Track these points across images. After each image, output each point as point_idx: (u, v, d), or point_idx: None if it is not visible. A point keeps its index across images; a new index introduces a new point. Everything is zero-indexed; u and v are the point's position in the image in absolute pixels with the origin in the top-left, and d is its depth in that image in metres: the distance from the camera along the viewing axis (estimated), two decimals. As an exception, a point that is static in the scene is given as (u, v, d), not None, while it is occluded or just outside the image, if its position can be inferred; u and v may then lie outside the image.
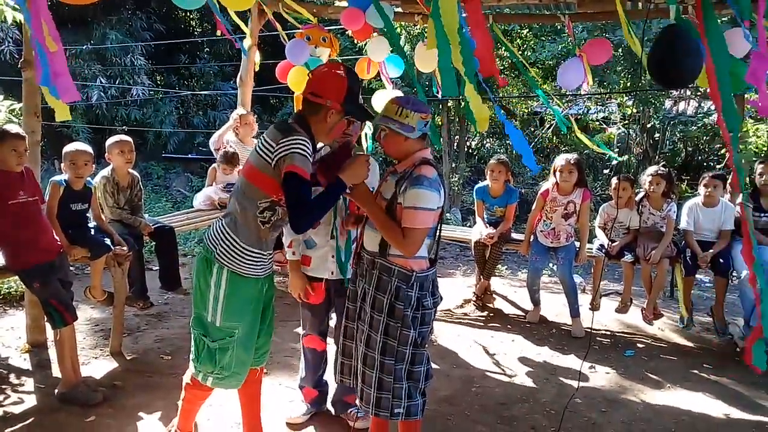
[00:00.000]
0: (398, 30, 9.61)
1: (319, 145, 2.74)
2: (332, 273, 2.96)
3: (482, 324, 4.88)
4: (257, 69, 5.91)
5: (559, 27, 9.69)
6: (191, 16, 15.00)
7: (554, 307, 5.21)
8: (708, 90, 2.58)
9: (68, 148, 3.68)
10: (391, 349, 2.48)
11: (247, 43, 5.73)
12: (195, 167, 12.99)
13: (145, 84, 13.01)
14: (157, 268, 4.52)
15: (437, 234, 2.57)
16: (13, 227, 3.19)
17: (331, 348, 3.10)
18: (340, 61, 5.59)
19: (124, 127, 12.23)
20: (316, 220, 2.52)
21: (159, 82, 14.74)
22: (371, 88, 8.59)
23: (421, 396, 2.57)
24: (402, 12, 5.34)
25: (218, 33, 5.27)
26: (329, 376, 3.08)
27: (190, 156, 13.33)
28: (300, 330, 3.23)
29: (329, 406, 3.27)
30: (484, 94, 3.22)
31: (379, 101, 5.27)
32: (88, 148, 3.71)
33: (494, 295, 5.43)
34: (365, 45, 5.79)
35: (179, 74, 14.71)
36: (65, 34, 10.54)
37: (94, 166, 3.74)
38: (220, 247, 2.43)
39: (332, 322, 3.20)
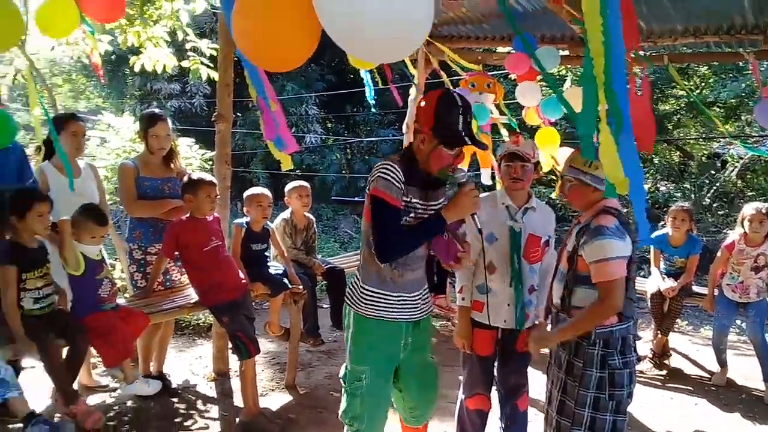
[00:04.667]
0: (564, 72, 9.47)
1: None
2: (505, 321, 2.83)
3: (660, 384, 4.51)
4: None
5: (741, 64, 8.95)
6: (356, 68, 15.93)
7: (744, 370, 4.69)
8: None
9: (250, 192, 4.02)
10: (568, 410, 2.38)
11: (413, 91, 5.95)
12: (361, 209, 13.59)
13: (317, 132, 13.94)
14: (328, 306, 4.74)
15: (629, 286, 2.37)
16: (206, 270, 3.52)
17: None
18: (449, 90, 5.60)
19: (297, 172, 13.19)
20: (404, 252, 2.34)
21: (329, 130, 15.70)
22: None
23: None
24: (569, 56, 5.27)
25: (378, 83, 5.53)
26: None
27: (356, 199, 13.97)
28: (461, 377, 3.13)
29: None
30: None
31: (541, 140, 5.21)
32: (268, 192, 4.03)
33: (673, 353, 5.01)
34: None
35: (347, 122, 15.59)
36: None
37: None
38: (349, 288, 2.50)
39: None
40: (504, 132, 5.93)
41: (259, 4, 1.59)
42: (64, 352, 2.99)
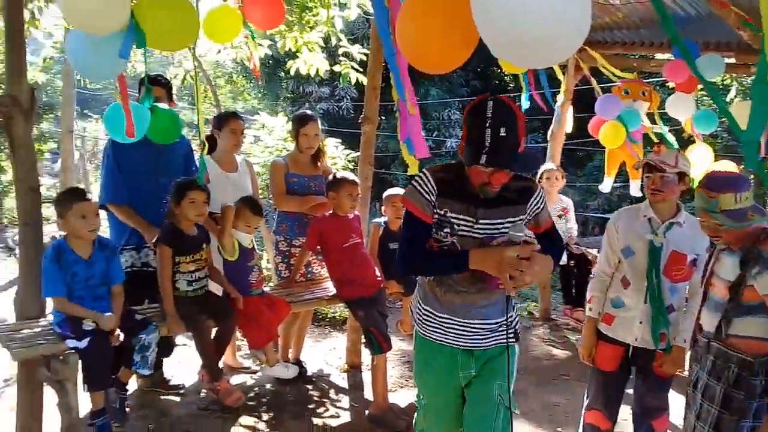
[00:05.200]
0: (729, 81, 8.75)
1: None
2: (636, 339, 2.73)
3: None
4: (570, 129, 5.89)
5: None
6: (506, 72, 15.73)
7: None
8: None
9: (388, 192, 4.12)
10: None
11: (560, 98, 5.80)
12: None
13: (458, 137, 13.97)
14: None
15: None
16: (345, 265, 3.67)
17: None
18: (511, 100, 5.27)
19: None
20: (420, 272, 2.22)
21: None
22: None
23: None
24: (735, 64, 4.88)
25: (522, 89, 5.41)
26: None
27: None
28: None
29: None
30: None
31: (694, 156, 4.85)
32: None
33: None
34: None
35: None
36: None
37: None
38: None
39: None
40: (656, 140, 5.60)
41: (421, 10, 1.65)
42: (213, 332, 3.27)
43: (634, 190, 5.50)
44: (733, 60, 4.77)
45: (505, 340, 2.21)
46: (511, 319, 2.20)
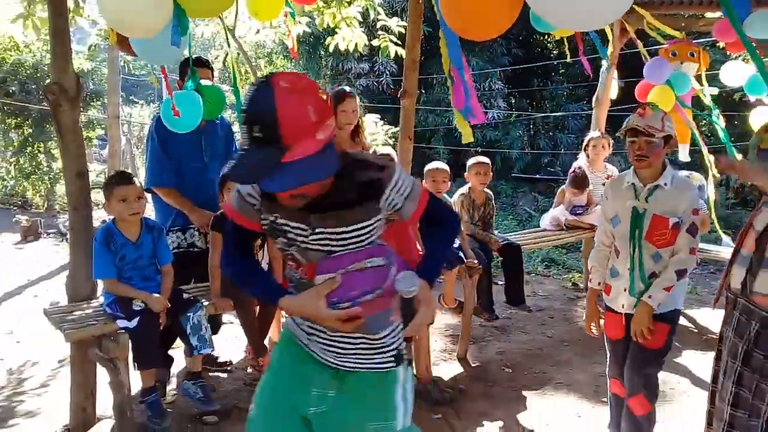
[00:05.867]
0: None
1: None
2: (623, 306, 2.70)
3: None
4: (615, 95, 5.74)
5: None
6: (548, 40, 15.35)
7: None
8: None
9: (429, 166, 4.09)
10: (744, 403, 2.20)
11: (605, 63, 5.63)
12: (542, 187, 13.21)
13: (501, 107, 13.73)
14: (502, 283, 4.72)
15: None
16: (389, 240, 3.68)
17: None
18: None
19: (478, 149, 13.15)
20: (237, 282, 1.82)
21: (513, 105, 15.41)
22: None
23: None
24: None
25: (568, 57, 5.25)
26: None
27: (537, 176, 13.59)
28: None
29: None
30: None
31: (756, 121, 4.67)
32: (446, 167, 4.08)
33: None
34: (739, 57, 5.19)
35: (532, 97, 15.15)
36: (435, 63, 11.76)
37: (450, 183, 4.10)
38: None
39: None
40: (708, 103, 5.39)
41: None
42: (257, 310, 3.34)
43: (683, 155, 5.32)
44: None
45: (387, 363, 1.73)
46: (392, 339, 1.73)
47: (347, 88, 3.99)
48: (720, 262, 6.47)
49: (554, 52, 15.54)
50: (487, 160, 4.36)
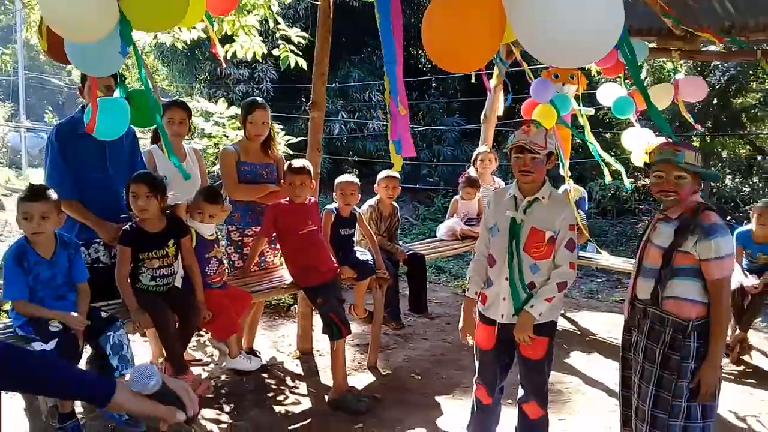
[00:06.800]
0: (673, 65, 9.27)
1: None
2: (502, 316, 2.74)
3: (734, 378, 4.46)
4: (502, 112, 6.08)
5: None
6: (421, 54, 15.91)
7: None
8: None
9: (339, 179, 4.14)
10: (664, 403, 2.43)
11: (493, 81, 5.97)
12: (422, 197, 13.65)
13: (380, 118, 14.03)
14: (407, 292, 4.86)
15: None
16: (302, 252, 3.68)
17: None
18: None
19: (355, 158, 13.40)
20: None
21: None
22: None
23: None
24: (656, 48, 5.21)
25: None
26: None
27: (417, 186, 14.02)
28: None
29: None
30: None
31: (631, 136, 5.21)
32: (356, 180, 4.14)
33: (754, 350, 4.93)
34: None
35: (410, 110, 15.63)
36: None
37: (359, 196, 4.16)
38: None
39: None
40: (583, 122, 5.89)
41: (453, 8, 1.66)
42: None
43: (563, 170, 5.76)
44: (654, 45, 5.08)
45: None
46: None
47: (258, 99, 3.94)
48: (585, 267, 7.10)
49: (428, 66, 16.15)
50: (396, 174, 4.47)
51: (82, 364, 3.05)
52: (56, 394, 1.51)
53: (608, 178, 5.48)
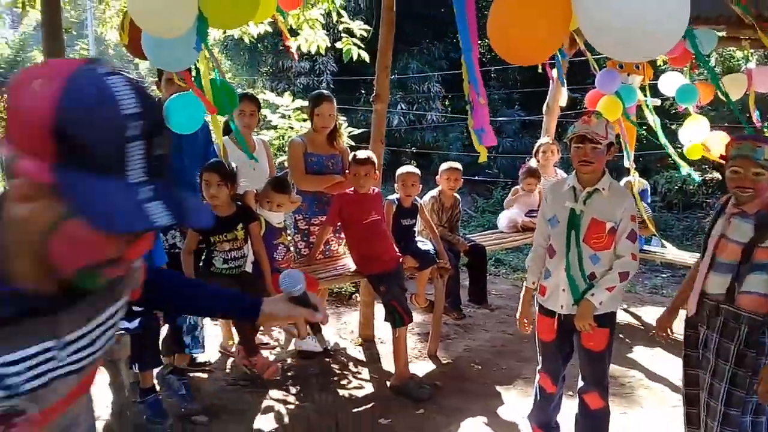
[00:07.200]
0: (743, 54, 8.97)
1: None
2: (562, 307, 2.74)
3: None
4: (565, 103, 6.02)
5: None
6: (480, 45, 15.78)
7: None
8: None
9: (400, 170, 4.21)
10: (738, 400, 2.40)
11: (555, 72, 5.90)
12: (481, 189, 13.59)
13: (439, 110, 14.03)
14: (467, 283, 4.90)
15: None
16: (366, 241, 3.78)
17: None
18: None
19: (413, 149, 13.44)
20: None
21: (450, 108, 15.76)
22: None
23: None
24: (726, 37, 5.04)
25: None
26: (561, 420, 3.04)
27: (475, 178, 13.96)
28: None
29: None
30: None
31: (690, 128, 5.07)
32: (417, 171, 4.20)
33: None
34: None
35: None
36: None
37: (420, 186, 4.22)
38: None
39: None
40: (648, 115, 5.77)
41: (520, 1, 1.70)
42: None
43: (627, 161, 5.66)
44: (724, 33, 4.92)
45: None
46: None
47: (325, 92, 4.05)
48: (650, 262, 6.95)
49: (489, 55, 15.99)
50: (458, 166, 4.53)
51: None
52: (209, 311, 1.64)
53: (684, 168, 5.29)
